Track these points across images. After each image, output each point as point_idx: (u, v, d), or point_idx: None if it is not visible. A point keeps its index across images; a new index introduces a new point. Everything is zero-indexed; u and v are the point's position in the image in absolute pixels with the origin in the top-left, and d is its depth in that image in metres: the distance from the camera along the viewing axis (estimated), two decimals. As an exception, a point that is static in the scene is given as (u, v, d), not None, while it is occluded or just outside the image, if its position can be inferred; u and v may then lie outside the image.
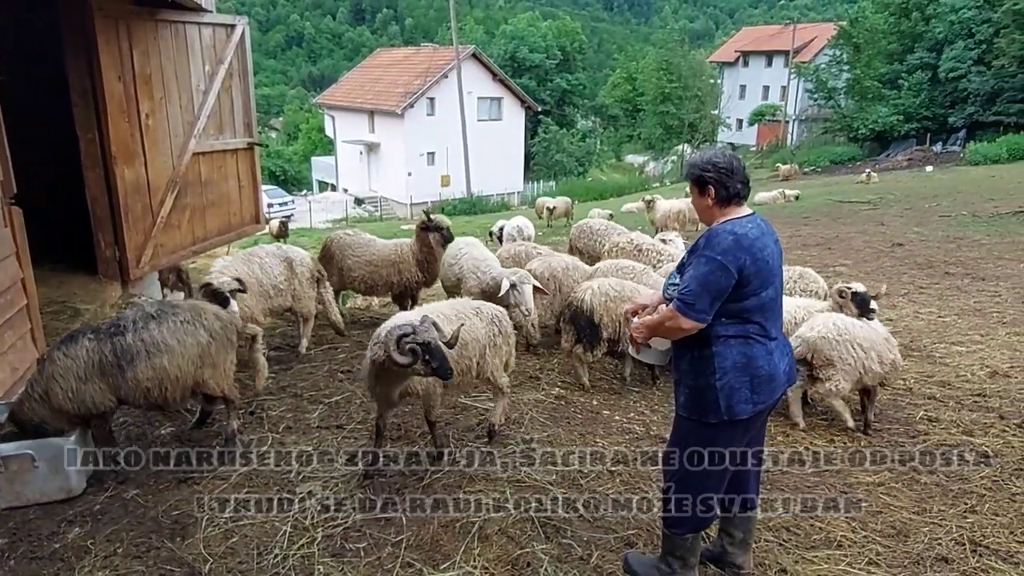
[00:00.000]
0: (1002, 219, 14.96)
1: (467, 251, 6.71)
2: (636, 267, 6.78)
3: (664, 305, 3.20)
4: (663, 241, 8.69)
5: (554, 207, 20.76)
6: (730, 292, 2.90)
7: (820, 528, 3.78)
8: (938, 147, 36.72)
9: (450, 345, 3.60)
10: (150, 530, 3.49)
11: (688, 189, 3.20)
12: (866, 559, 3.52)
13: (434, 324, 3.60)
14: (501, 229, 12.44)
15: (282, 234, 18.24)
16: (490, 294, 5.92)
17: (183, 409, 4.78)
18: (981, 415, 5.27)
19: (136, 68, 6.91)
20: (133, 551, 3.33)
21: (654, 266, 7.52)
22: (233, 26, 8.13)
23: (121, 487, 3.85)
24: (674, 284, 3.09)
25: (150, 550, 3.34)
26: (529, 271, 6.20)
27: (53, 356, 3.71)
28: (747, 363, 2.95)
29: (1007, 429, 5.02)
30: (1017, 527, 3.82)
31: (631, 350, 3.61)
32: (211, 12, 7.91)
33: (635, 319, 3.34)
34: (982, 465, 4.52)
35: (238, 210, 8.66)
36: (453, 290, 6.73)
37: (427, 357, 3.42)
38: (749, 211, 3.08)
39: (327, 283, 6.32)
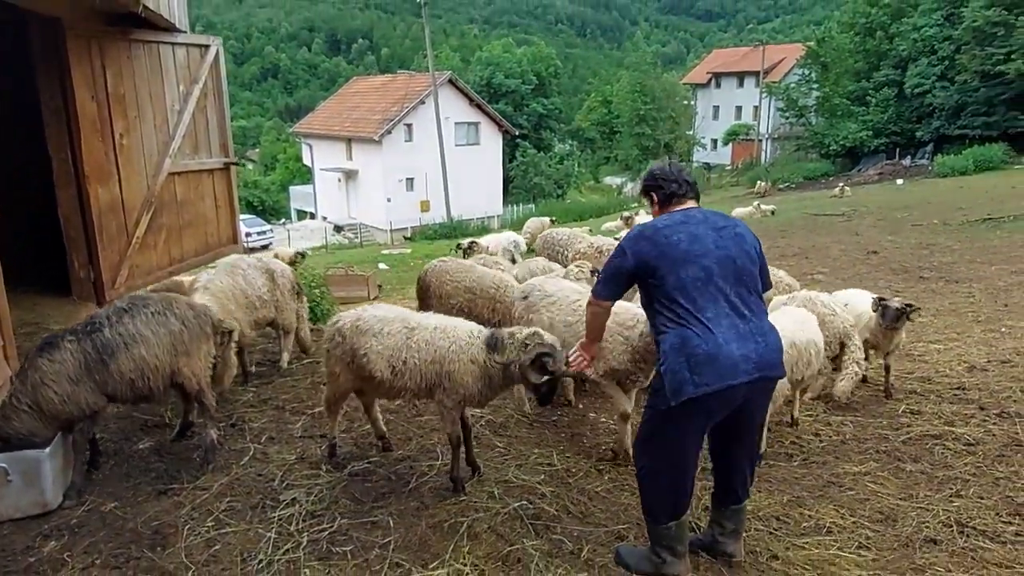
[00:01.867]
0: (972, 226, 15.30)
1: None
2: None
3: None
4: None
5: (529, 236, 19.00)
6: (643, 278, 3.16)
7: (809, 516, 3.78)
8: (907, 161, 37.52)
9: (566, 373, 3.83)
10: (129, 541, 3.39)
11: None
12: (856, 543, 3.52)
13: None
14: (471, 242, 12.05)
15: (294, 263, 17.01)
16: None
17: (165, 420, 4.70)
18: (961, 407, 5.33)
19: (110, 88, 6.87)
20: (112, 562, 3.24)
21: None
22: (207, 46, 8.14)
23: (99, 500, 3.76)
24: None
25: (129, 560, 3.25)
26: (512, 276, 6.09)
27: (37, 364, 3.65)
28: (682, 344, 3.00)
29: (988, 419, 5.07)
30: (1003, 508, 3.85)
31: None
32: (185, 32, 7.91)
33: None
34: (965, 453, 4.56)
35: (215, 231, 8.57)
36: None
37: (549, 381, 3.63)
38: (690, 206, 3.36)
39: (304, 297, 6.25)
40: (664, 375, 3.03)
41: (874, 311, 5.64)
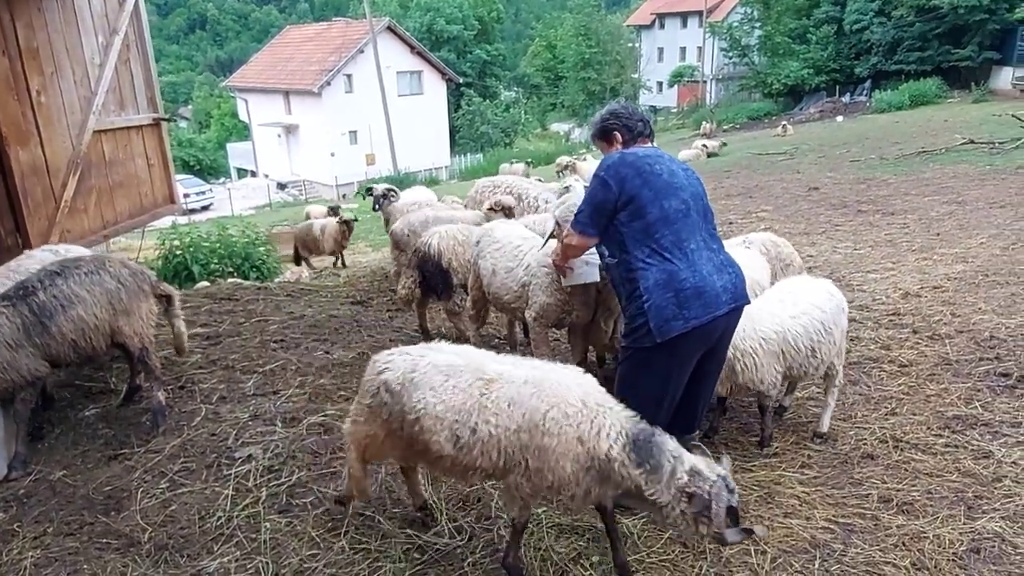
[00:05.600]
0: (907, 160, 15.77)
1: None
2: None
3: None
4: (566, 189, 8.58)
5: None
6: (625, 208, 3.04)
7: (756, 441, 3.94)
8: (847, 98, 38.20)
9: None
10: (81, 507, 3.33)
11: (598, 148, 3.48)
12: (799, 463, 3.71)
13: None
14: (388, 190, 8.62)
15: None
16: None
17: (111, 386, 4.58)
18: (896, 331, 5.59)
19: (21, 42, 6.44)
20: (65, 529, 3.18)
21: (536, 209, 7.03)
22: (126, -6, 7.65)
23: (46, 469, 3.66)
24: None
25: (83, 527, 3.20)
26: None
27: None
28: (669, 279, 2.97)
29: (920, 341, 5.34)
30: (933, 423, 4.10)
31: (563, 281, 3.79)
32: (100, -20, 7.42)
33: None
34: (900, 374, 4.81)
35: (149, 191, 8.24)
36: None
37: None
38: (653, 146, 3.31)
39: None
40: (647, 312, 2.98)
41: None
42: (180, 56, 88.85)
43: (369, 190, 8.05)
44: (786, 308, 3.74)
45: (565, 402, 2.61)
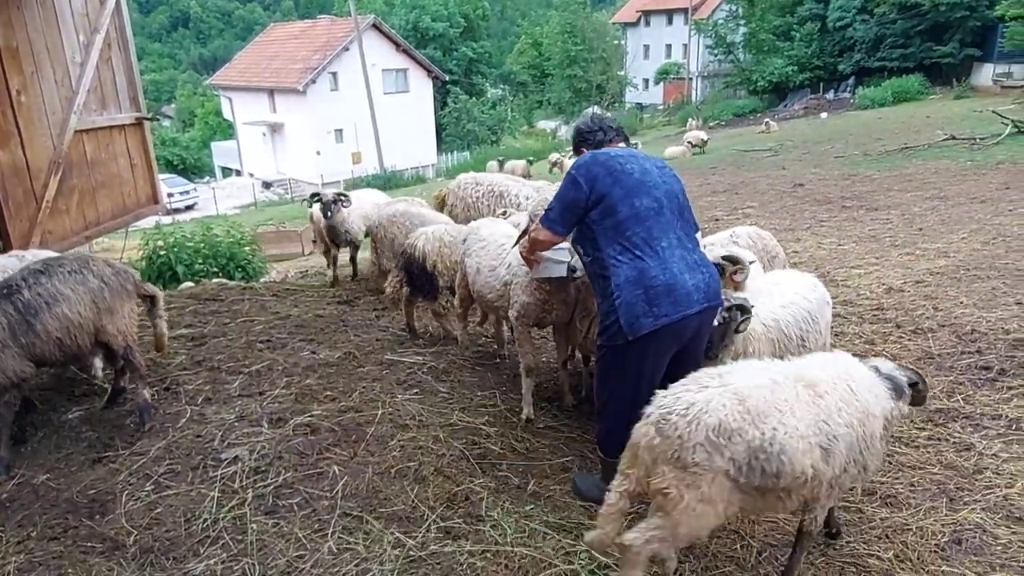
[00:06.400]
0: (890, 156, 15.94)
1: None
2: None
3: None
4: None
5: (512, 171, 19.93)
6: (596, 206, 3.09)
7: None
8: (831, 95, 38.53)
9: None
10: (65, 511, 3.29)
11: None
12: (785, 458, 3.72)
13: None
14: (339, 195, 7.32)
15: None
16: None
17: (95, 389, 4.54)
18: (880, 326, 5.66)
19: (0, 41, 6.36)
20: (48, 533, 3.14)
21: (516, 206, 7.15)
22: (107, -8, 7.57)
23: (29, 473, 3.62)
24: None
25: (67, 530, 3.16)
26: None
27: None
28: (639, 276, 3.00)
29: (904, 336, 5.41)
30: (916, 416, 4.14)
31: (529, 274, 3.83)
32: (80, -23, 7.34)
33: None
34: (883, 368, 4.85)
35: (132, 191, 8.17)
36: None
37: None
38: (626, 147, 3.44)
39: None
40: (617, 309, 3.01)
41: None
42: (163, 54, 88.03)
43: (316, 196, 7.14)
44: (775, 298, 3.76)
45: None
